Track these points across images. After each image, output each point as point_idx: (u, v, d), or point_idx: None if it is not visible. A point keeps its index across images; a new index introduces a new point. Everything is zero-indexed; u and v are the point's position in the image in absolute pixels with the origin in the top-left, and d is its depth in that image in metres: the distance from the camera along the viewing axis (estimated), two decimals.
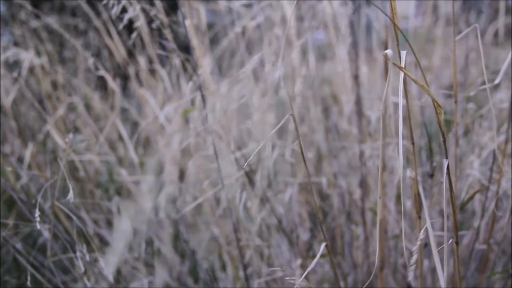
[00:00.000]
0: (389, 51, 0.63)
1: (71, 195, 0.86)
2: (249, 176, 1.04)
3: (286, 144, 1.20)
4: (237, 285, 1.28)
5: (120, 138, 1.72)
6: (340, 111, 1.60)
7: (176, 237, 1.52)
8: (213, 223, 1.44)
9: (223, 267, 1.35)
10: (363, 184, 1.25)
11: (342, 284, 1.21)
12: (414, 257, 0.68)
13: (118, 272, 1.34)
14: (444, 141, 0.69)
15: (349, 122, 1.45)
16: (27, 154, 1.44)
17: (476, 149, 1.20)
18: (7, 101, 1.50)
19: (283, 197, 1.16)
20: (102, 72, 1.42)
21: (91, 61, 1.41)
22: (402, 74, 0.66)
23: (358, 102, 1.17)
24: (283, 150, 1.19)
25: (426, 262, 1.13)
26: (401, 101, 0.66)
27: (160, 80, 1.69)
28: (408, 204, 1.19)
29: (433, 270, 1.15)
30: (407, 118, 0.77)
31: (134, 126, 2.08)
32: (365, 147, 1.18)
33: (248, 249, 1.19)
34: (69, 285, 1.21)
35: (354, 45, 1.29)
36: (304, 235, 1.18)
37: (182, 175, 1.35)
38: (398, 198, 1.29)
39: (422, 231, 0.71)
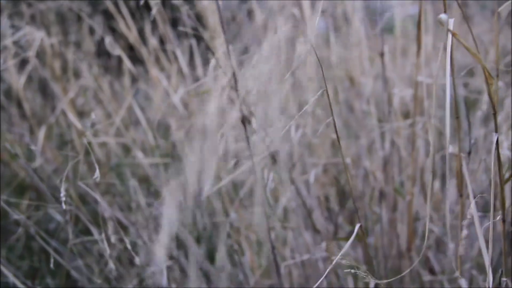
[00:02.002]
0: (443, 15, 0.60)
1: (97, 174, 0.83)
2: (274, 156, 1.01)
3: (306, 125, 1.17)
4: (256, 272, 1.26)
5: (131, 121, 1.69)
6: (358, 92, 1.56)
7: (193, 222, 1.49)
8: (231, 207, 1.41)
9: (241, 253, 1.32)
10: (386, 165, 1.22)
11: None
12: (464, 232, 0.65)
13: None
14: (495, 114, 0.66)
15: (368, 103, 1.42)
16: (40, 136, 1.40)
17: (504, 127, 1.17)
18: (19, 84, 1.47)
19: (307, 178, 1.13)
20: (118, 51, 1.38)
21: (107, 40, 1.37)
22: (450, 40, 0.63)
23: (385, 81, 1.13)
24: (304, 131, 1.16)
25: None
26: (448, 67, 0.63)
27: (173, 62, 1.65)
28: (435, 185, 1.16)
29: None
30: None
31: (142, 110, 2.05)
32: (389, 127, 1.15)
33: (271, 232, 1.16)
34: (92, 268, 1.18)
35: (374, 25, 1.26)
36: (328, 218, 1.16)
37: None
38: (421, 180, 1.26)
39: (467, 209, 0.68)
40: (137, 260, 0.96)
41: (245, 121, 0.93)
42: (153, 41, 1.57)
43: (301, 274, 1.12)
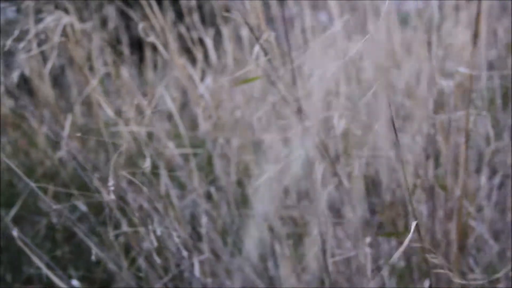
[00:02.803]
0: None
1: (148, 163, 0.79)
2: (324, 146, 0.97)
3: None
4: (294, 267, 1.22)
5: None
6: (390, 83, 1.52)
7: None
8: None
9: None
10: (429, 158, 1.18)
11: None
12: None
13: None
14: None
15: (406, 94, 1.38)
16: (66, 125, 1.36)
17: None
18: (46, 69, 1.42)
19: (352, 170, 1.09)
20: (151, 39, 1.34)
21: (141, 26, 1.32)
22: None
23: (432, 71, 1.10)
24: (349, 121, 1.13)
25: None
26: None
27: (198, 50, 1.61)
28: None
29: None
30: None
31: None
32: (437, 117, 1.12)
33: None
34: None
35: None
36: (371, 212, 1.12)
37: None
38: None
39: None
40: (171, 252, 0.93)
41: (300, 111, 0.89)
42: (180, 29, 1.53)
43: (344, 271, 1.08)
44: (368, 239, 1.05)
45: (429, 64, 1.14)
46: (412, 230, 0.81)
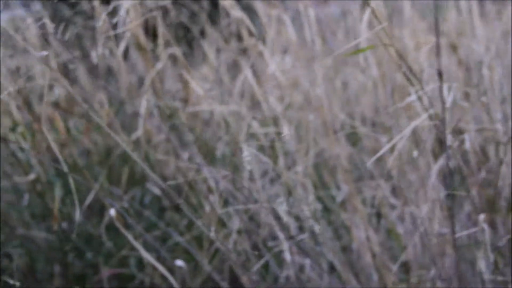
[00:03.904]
0: None
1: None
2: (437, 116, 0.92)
3: None
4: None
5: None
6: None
7: None
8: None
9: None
10: None
11: None
12: None
13: None
14: None
15: None
16: (143, 105, 1.34)
17: None
18: (119, 51, 1.40)
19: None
20: (238, 13, 1.30)
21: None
22: None
23: None
24: None
25: None
26: None
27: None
28: None
29: None
30: None
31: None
32: None
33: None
34: None
35: None
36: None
37: None
38: None
39: None
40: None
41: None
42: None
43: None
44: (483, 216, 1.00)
45: None
46: None
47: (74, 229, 1.33)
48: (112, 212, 0.96)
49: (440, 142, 1.00)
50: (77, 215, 0.88)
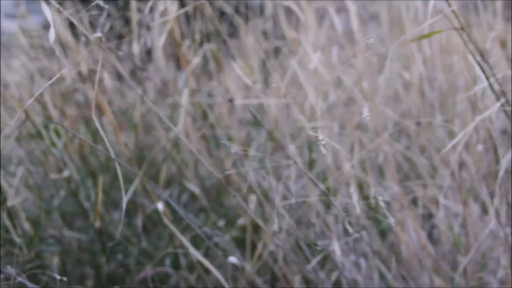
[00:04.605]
0: None
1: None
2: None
3: None
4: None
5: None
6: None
7: None
8: None
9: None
10: None
11: None
12: None
13: None
14: None
15: None
16: (183, 100, 1.30)
17: None
18: (159, 43, 1.36)
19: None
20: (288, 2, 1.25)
21: None
22: None
23: None
24: None
25: None
26: None
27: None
28: None
29: None
30: None
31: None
32: None
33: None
34: None
35: None
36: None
37: None
38: None
39: None
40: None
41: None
42: None
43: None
44: None
45: None
46: None
47: (119, 227, 1.28)
48: (160, 206, 0.91)
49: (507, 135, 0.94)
50: (123, 205, 0.82)
